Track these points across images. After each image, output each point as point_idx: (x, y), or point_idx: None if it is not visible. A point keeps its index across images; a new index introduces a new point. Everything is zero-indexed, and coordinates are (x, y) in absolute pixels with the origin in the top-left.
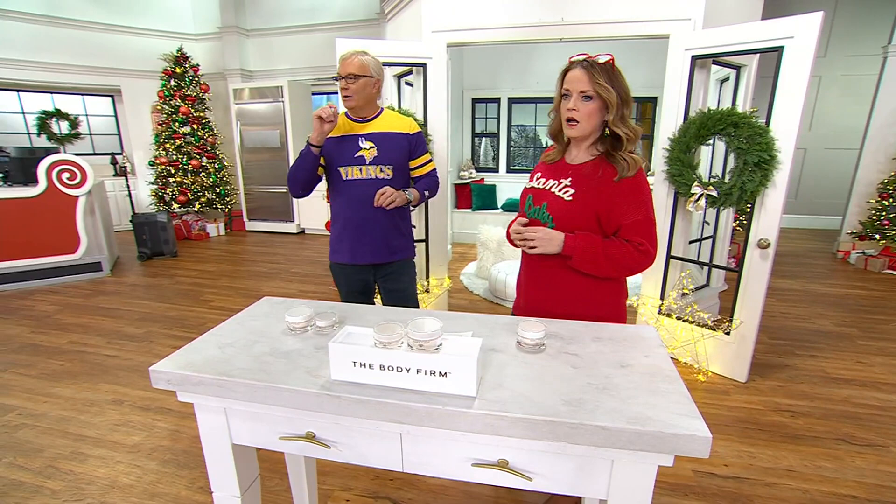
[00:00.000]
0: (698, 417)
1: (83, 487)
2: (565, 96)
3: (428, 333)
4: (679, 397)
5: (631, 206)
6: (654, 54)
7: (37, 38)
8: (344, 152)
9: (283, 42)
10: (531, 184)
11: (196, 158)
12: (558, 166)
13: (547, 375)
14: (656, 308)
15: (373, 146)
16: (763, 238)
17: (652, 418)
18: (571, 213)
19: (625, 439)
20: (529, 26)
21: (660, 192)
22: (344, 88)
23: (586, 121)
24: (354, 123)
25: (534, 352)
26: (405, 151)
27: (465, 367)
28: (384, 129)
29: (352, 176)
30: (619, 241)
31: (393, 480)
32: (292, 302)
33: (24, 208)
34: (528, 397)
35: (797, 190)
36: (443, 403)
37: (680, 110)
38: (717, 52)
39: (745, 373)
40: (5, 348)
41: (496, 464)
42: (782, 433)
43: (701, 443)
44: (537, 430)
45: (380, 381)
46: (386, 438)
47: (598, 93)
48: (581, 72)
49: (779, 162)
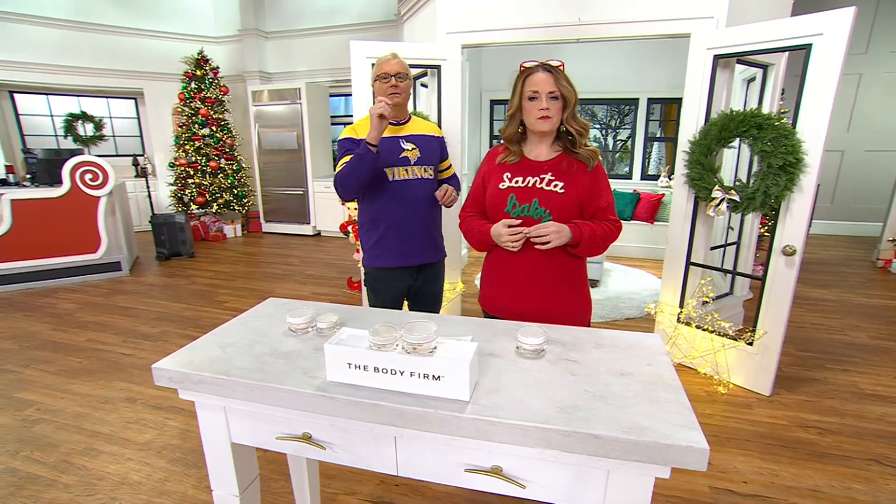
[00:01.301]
0: (696, 428)
1: (95, 483)
2: (532, 98)
3: (422, 336)
4: (678, 407)
5: (604, 190)
6: (676, 53)
7: (65, 43)
8: (390, 153)
9: (302, 44)
10: (507, 184)
11: (214, 160)
12: (527, 165)
13: (544, 382)
14: (675, 316)
15: (414, 147)
16: (788, 245)
17: (648, 428)
18: (565, 205)
19: (619, 449)
20: (545, 27)
21: (679, 196)
22: (394, 86)
23: (555, 116)
24: (391, 126)
25: (533, 357)
26: (438, 154)
27: (458, 371)
28: (419, 132)
29: (399, 177)
30: (601, 223)
31: (398, 486)
32: (296, 303)
33: (49, 208)
34: (522, 403)
35: (833, 194)
36: (435, 407)
37: (701, 112)
38: (741, 52)
39: (770, 386)
40: (28, 344)
41: (490, 470)
42: (808, 451)
43: (698, 455)
44: (529, 437)
45: (374, 383)
46: (380, 441)
47: (562, 93)
48: (546, 74)
49: (805, 165)
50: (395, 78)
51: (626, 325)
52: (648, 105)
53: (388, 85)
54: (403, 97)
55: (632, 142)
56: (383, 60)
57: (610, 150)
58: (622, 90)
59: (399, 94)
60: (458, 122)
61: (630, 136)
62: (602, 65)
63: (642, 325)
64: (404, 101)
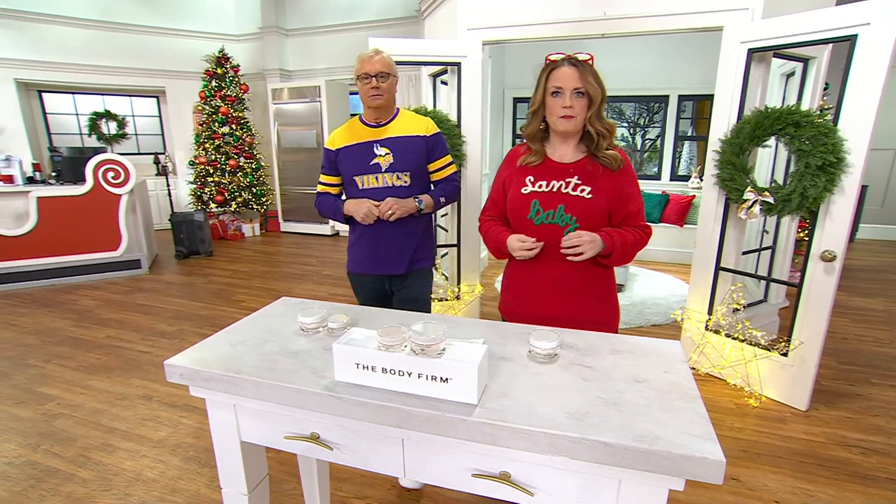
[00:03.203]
0: (713, 439)
1: (110, 478)
2: (556, 94)
3: (430, 338)
4: (694, 416)
5: (634, 193)
6: (711, 47)
7: (92, 43)
8: (360, 160)
9: (322, 41)
10: (530, 188)
11: (234, 158)
12: (550, 167)
13: (555, 387)
14: (703, 323)
15: (388, 152)
16: (827, 250)
17: (661, 437)
18: (592, 211)
19: (630, 458)
20: (569, 22)
21: (709, 198)
22: (375, 88)
23: (580, 115)
24: (369, 128)
25: (545, 362)
26: (423, 155)
27: (466, 373)
28: (400, 133)
29: (368, 185)
30: (632, 230)
31: (410, 491)
32: (308, 303)
33: (73, 206)
34: (531, 408)
35: (884, 197)
36: (443, 410)
37: (733, 109)
38: (777, 45)
39: (806, 400)
40: (50, 340)
41: (498, 476)
42: (848, 471)
43: (713, 467)
44: (537, 443)
45: (382, 384)
46: (388, 443)
47: (587, 90)
48: (572, 69)
49: (848, 165)
50: (377, 78)
51: (651, 331)
52: (679, 102)
53: (368, 86)
54: (386, 98)
55: (661, 141)
56: (364, 58)
57: (638, 150)
58: (651, 87)
59: (381, 97)
60: (478, 121)
61: (659, 134)
62: (630, 61)
63: (668, 332)
64: (387, 102)
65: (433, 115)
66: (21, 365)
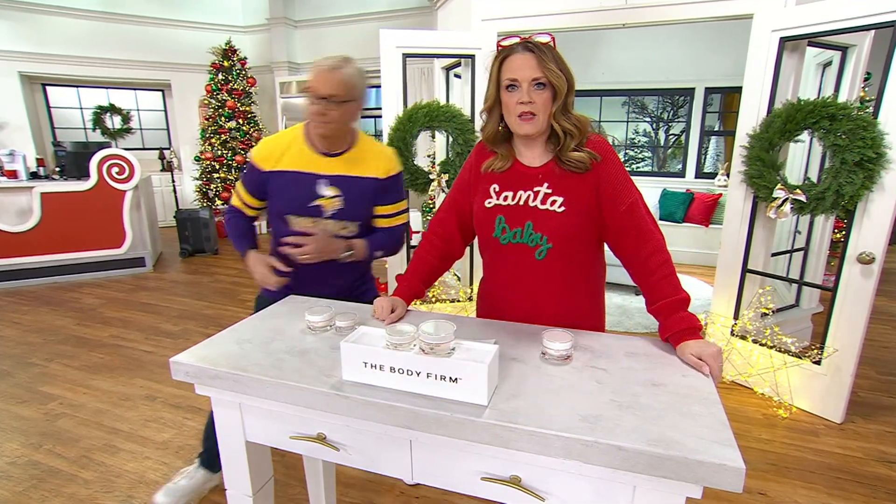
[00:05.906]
0: (732, 446)
1: (113, 480)
2: (511, 88)
3: (439, 336)
4: (713, 422)
5: (622, 187)
6: (742, 36)
7: (96, 35)
8: (296, 197)
9: (332, 33)
10: (495, 200)
11: (240, 154)
12: (518, 173)
13: (567, 389)
14: (728, 328)
15: (337, 195)
16: (865, 252)
17: (677, 442)
18: (567, 228)
19: (644, 462)
20: (588, 11)
21: (735, 196)
22: (321, 114)
23: (543, 112)
24: (316, 156)
25: (558, 364)
26: (370, 202)
27: (476, 373)
28: (355, 172)
29: (303, 227)
30: (664, 265)
31: (418, 498)
32: (315, 301)
33: (76, 202)
34: (542, 410)
35: None
36: (451, 410)
37: (763, 102)
38: (813, 33)
39: (841, 412)
40: (53, 339)
41: (508, 480)
42: (888, 489)
43: (732, 474)
44: (548, 446)
45: (390, 383)
46: (395, 444)
47: (549, 79)
48: (528, 56)
49: (888, 161)
50: (328, 102)
51: None
52: (706, 95)
53: (313, 109)
54: (336, 127)
55: (686, 136)
56: (319, 69)
57: (661, 146)
58: (676, 79)
59: (327, 125)
60: None
61: (684, 129)
62: (653, 51)
63: None
64: (337, 133)
65: (446, 109)
66: (23, 363)
